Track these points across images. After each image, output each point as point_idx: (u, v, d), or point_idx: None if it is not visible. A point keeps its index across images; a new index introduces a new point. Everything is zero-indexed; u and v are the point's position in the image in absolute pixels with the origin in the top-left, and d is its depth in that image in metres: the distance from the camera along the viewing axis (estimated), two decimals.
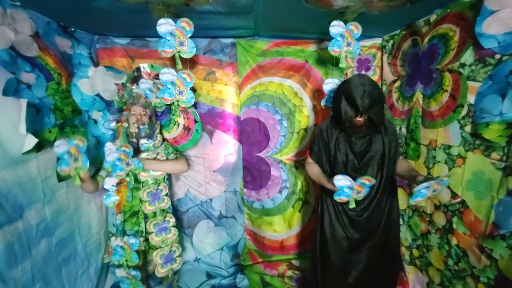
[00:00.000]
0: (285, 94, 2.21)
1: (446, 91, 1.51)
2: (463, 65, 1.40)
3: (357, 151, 1.45)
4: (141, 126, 1.60)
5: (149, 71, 1.82)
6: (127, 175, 1.54)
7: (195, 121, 2.01)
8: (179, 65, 1.54)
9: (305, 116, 2.24)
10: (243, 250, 2.35)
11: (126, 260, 1.61)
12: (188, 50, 1.53)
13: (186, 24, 1.48)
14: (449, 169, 1.51)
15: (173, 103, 1.66)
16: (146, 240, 1.68)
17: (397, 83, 1.96)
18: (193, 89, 1.80)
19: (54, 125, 1.51)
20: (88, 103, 1.75)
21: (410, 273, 1.91)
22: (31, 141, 1.29)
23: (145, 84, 1.68)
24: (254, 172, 2.28)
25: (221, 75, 2.15)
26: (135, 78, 1.72)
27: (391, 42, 2.03)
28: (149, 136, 1.65)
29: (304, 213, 2.34)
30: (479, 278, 1.37)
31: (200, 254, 2.30)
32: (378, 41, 2.15)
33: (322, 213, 1.59)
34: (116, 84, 1.76)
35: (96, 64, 1.96)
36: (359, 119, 1.33)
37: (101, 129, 1.82)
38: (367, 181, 1.28)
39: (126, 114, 1.64)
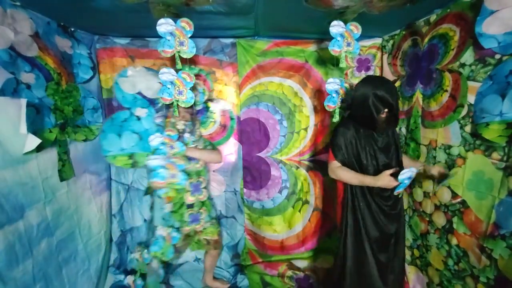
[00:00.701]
0: (285, 94, 2.21)
1: (446, 91, 1.51)
2: (463, 65, 1.40)
3: (382, 147, 1.47)
4: (186, 123, 1.74)
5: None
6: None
7: (231, 118, 2.18)
8: (179, 65, 1.54)
9: (305, 116, 2.24)
10: (243, 250, 2.35)
11: (162, 253, 1.67)
12: (188, 50, 1.53)
13: (186, 24, 1.47)
14: (450, 169, 1.51)
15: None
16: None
17: (397, 83, 1.96)
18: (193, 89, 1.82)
19: (55, 125, 1.51)
20: (129, 100, 1.88)
21: (411, 273, 1.91)
22: (34, 141, 1.28)
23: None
24: (254, 172, 2.28)
25: (221, 75, 2.15)
26: None
27: (391, 42, 2.02)
28: (191, 132, 1.78)
29: (304, 213, 2.34)
30: (478, 278, 1.37)
31: (200, 254, 2.28)
32: (378, 41, 2.14)
33: (354, 218, 1.49)
34: (160, 83, 1.82)
35: (96, 64, 1.96)
36: (383, 115, 1.38)
37: (144, 125, 1.93)
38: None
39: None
